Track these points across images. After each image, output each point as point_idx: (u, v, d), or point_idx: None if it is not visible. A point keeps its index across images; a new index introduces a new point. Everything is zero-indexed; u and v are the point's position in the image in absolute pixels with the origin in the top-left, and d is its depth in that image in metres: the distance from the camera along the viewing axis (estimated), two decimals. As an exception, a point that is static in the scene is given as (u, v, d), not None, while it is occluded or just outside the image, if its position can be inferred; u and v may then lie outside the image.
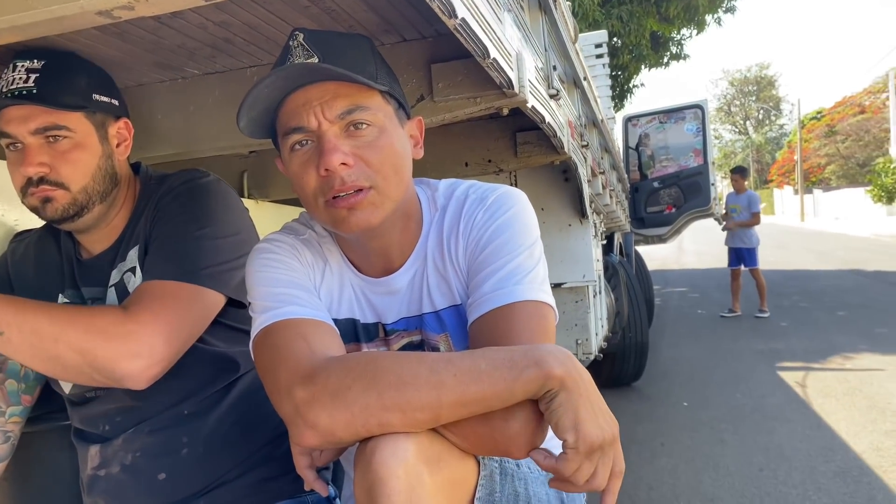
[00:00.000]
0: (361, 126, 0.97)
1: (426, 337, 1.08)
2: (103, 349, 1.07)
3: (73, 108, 1.18)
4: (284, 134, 0.99)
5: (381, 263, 1.08)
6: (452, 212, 1.08)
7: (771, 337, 7.14)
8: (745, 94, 63.97)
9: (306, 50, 0.96)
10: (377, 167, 0.97)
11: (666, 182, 8.29)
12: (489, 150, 2.13)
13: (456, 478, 0.92)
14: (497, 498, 0.96)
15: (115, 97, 1.28)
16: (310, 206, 1.01)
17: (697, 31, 12.72)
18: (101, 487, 1.25)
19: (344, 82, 0.96)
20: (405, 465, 0.85)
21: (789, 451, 3.83)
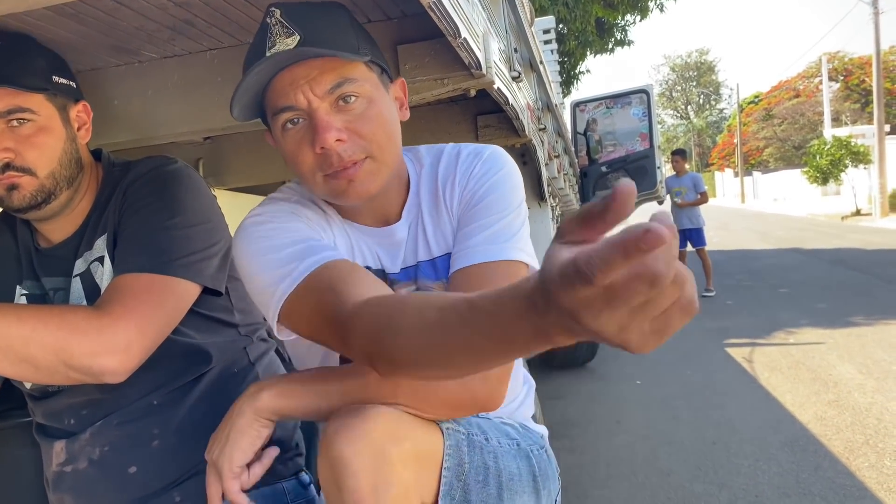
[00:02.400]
0: (350, 99, 0.97)
1: (422, 286, 1.09)
2: (79, 346, 1.04)
3: (35, 90, 1.14)
4: (274, 114, 0.98)
5: (380, 217, 1.10)
6: (446, 164, 1.10)
7: (718, 315, 7.35)
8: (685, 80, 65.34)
9: (286, 27, 0.95)
10: (370, 137, 0.98)
11: (613, 166, 8.39)
12: (450, 134, 2.13)
13: (422, 450, 0.92)
14: (466, 469, 0.97)
15: (72, 79, 1.24)
16: (307, 181, 1.02)
17: (641, 16, 12.91)
18: (68, 484, 1.21)
19: (326, 57, 0.95)
20: (369, 443, 0.85)
21: (740, 424, 3.96)
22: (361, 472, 0.84)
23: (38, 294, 1.24)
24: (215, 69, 1.45)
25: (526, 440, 1.12)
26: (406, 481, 0.88)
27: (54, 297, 1.23)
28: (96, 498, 1.20)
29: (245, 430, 0.96)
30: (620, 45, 13.53)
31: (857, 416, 3.91)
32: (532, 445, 1.13)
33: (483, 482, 0.98)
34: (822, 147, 21.25)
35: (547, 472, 1.14)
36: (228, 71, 1.43)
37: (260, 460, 0.98)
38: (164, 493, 1.20)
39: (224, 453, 0.95)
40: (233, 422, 0.97)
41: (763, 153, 43.42)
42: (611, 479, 3.35)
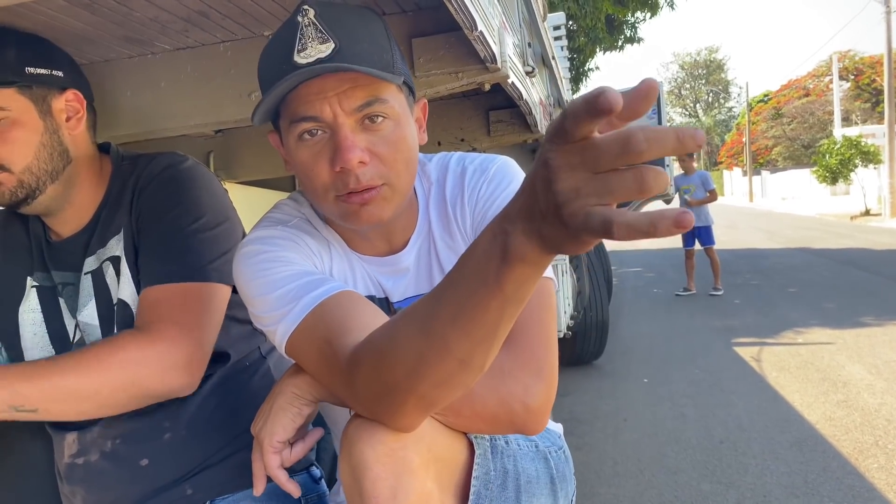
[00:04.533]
0: (378, 119, 0.93)
1: None
2: (147, 377, 1.06)
3: (3, 84, 1.10)
4: (293, 120, 0.93)
5: (384, 245, 1.06)
6: (453, 183, 1.06)
7: (725, 314, 7.32)
8: (695, 78, 65.08)
9: (321, 32, 0.90)
10: (391, 163, 0.94)
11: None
12: (462, 129, 2.12)
13: (445, 457, 0.91)
14: (492, 477, 0.96)
15: (57, 68, 1.18)
16: (316, 198, 0.97)
17: (651, 14, 12.84)
18: (80, 476, 1.21)
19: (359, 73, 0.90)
20: (391, 448, 0.83)
21: (747, 423, 3.94)
22: (381, 477, 0.83)
23: (48, 286, 1.24)
24: (229, 61, 1.44)
25: (544, 441, 1.11)
26: (427, 488, 0.86)
27: (63, 291, 1.23)
28: (108, 490, 1.19)
29: (285, 407, 0.94)
30: (630, 43, 13.47)
31: (867, 416, 3.89)
32: (550, 447, 1.11)
33: (502, 486, 0.97)
34: (832, 146, 21.14)
35: (564, 473, 1.12)
36: (242, 63, 1.42)
37: (303, 440, 0.97)
38: (175, 485, 1.19)
39: (265, 428, 0.94)
40: (274, 399, 0.95)
41: (772, 152, 43.24)
42: (618, 476, 3.34)
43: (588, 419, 4.25)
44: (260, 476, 0.96)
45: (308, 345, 0.90)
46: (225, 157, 2.23)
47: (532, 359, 0.90)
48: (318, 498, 1.29)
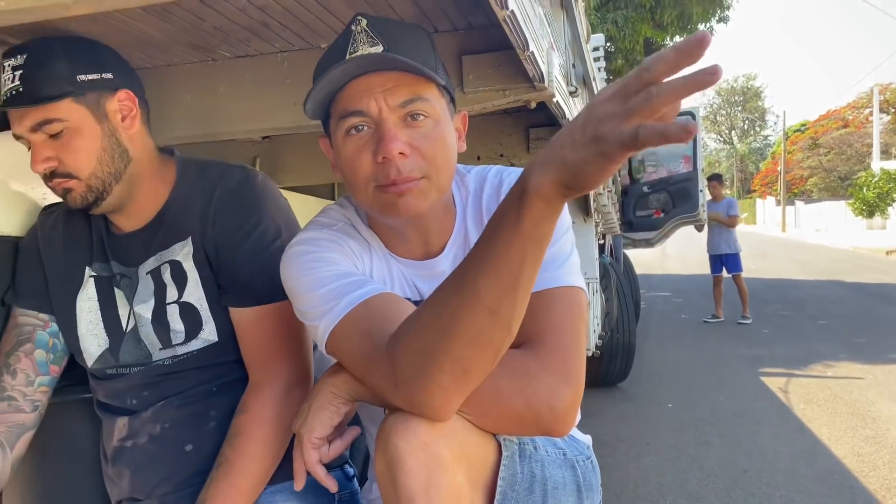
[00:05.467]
0: (419, 117, 0.99)
1: None
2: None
3: (56, 98, 1.14)
4: (342, 116, 1.00)
5: (421, 248, 1.11)
6: (489, 194, 1.11)
7: (753, 343, 7.24)
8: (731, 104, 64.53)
9: (371, 37, 0.98)
10: (430, 158, 0.99)
11: (655, 187, 8.34)
12: (501, 145, 2.16)
13: (475, 456, 0.94)
14: (518, 479, 0.99)
15: (107, 70, 1.21)
16: (358, 190, 1.03)
17: (690, 38, 12.85)
18: (127, 458, 1.27)
19: (406, 72, 0.98)
20: (424, 443, 0.87)
21: (772, 454, 3.90)
22: (415, 470, 0.86)
23: (105, 276, 1.30)
24: (285, 71, 1.50)
25: (572, 450, 1.13)
26: (458, 484, 0.89)
27: (120, 282, 1.29)
28: (152, 472, 1.25)
29: (324, 405, 0.99)
30: (667, 66, 13.47)
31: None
32: (578, 456, 1.14)
33: (528, 490, 1.00)
34: (870, 179, 20.83)
35: (591, 482, 1.14)
36: (297, 73, 1.48)
37: (341, 437, 1.01)
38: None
39: (306, 425, 0.98)
40: (314, 396, 1.00)
41: (807, 182, 42.64)
42: (638, 499, 3.33)
43: (610, 441, 4.24)
44: (300, 471, 1.00)
45: (349, 339, 0.96)
46: (270, 162, 2.30)
47: (559, 362, 0.94)
48: (350, 495, 1.33)
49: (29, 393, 1.25)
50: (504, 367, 0.90)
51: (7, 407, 1.22)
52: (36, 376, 1.26)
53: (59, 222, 1.34)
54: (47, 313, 1.30)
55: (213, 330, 1.26)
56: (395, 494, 0.88)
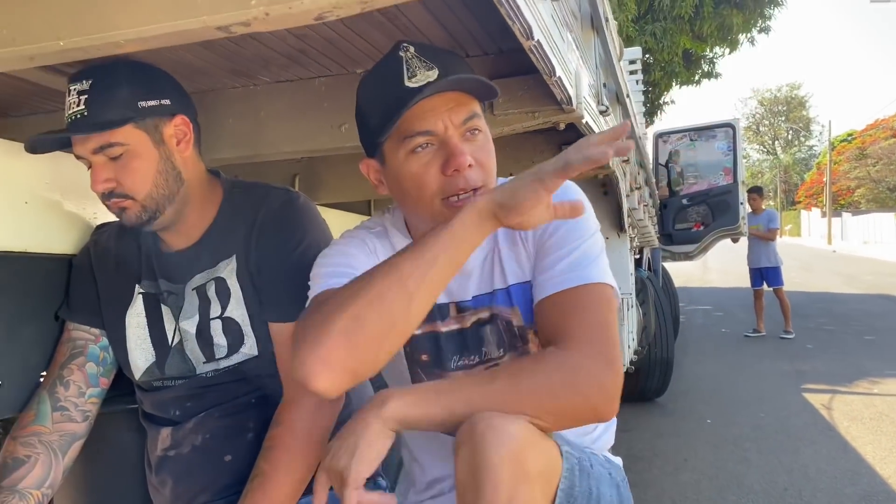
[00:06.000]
0: (476, 132, 1.09)
1: (499, 311, 1.16)
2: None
3: (119, 124, 1.20)
4: (407, 136, 1.07)
5: None
6: None
7: (796, 358, 7.10)
8: (774, 114, 63.39)
9: (424, 62, 1.05)
10: (488, 169, 1.09)
11: (695, 199, 8.26)
12: (534, 163, 2.17)
13: (546, 467, 0.97)
14: (576, 493, 1.01)
15: (165, 97, 1.27)
16: (423, 204, 1.09)
17: (730, 50, 12.69)
18: (170, 467, 1.33)
19: (460, 92, 1.07)
20: (513, 453, 0.91)
21: (814, 472, 3.83)
22: (503, 482, 0.89)
23: (153, 293, 1.37)
24: (322, 95, 1.56)
25: (615, 471, 1.17)
26: (535, 495, 0.93)
27: (168, 299, 1.35)
28: (193, 481, 1.30)
29: (373, 442, 0.95)
30: (707, 78, 13.32)
31: (944, 475, 3.72)
32: (618, 477, 1.18)
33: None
34: (920, 190, 20.22)
35: (629, 502, 1.18)
36: (335, 97, 1.54)
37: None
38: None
39: (352, 465, 0.95)
40: (360, 433, 0.96)
41: (854, 193, 41.65)
42: (675, 516, 3.30)
43: (647, 457, 4.20)
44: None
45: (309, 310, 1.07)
46: (309, 180, 2.36)
47: (598, 353, 1.02)
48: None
49: (80, 403, 1.31)
50: (552, 366, 1.00)
51: (60, 417, 1.29)
52: (87, 388, 1.33)
53: (110, 241, 1.41)
54: (98, 328, 1.37)
55: (253, 344, 1.31)
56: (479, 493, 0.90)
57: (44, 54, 0.89)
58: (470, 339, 1.19)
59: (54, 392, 1.29)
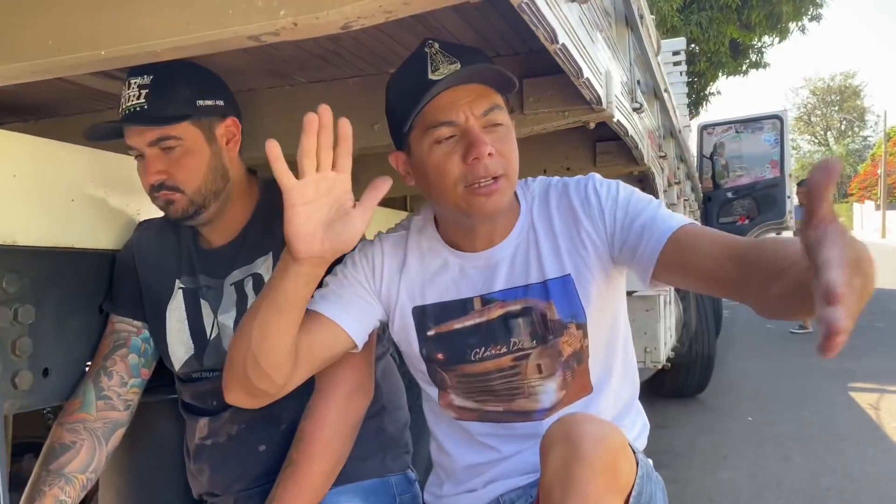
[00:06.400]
0: (497, 124, 1.12)
1: (533, 304, 1.19)
2: None
3: (178, 120, 1.26)
4: (430, 127, 1.11)
5: (484, 241, 1.22)
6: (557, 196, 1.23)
7: (844, 356, 6.87)
8: (826, 104, 61.54)
9: (447, 56, 1.10)
10: (509, 159, 1.13)
11: (740, 193, 8.10)
12: (568, 159, 2.19)
13: (629, 476, 1.00)
14: (642, 500, 1.03)
15: (219, 98, 1.34)
16: (446, 192, 1.13)
17: (779, 39, 12.39)
18: (207, 455, 1.38)
19: (483, 85, 1.11)
20: (609, 464, 0.94)
21: (858, 473, 3.75)
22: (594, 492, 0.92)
23: (192, 288, 1.42)
24: (356, 95, 1.59)
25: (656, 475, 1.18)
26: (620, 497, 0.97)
27: (207, 294, 1.40)
28: (229, 470, 1.35)
29: None
30: (755, 68, 13.03)
31: None
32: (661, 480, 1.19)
33: None
34: (980, 183, 19.46)
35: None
36: (367, 97, 1.56)
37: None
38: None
39: None
40: None
41: (910, 186, 40.25)
42: (712, 514, 3.28)
43: (686, 453, 4.17)
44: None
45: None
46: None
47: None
48: (412, 498, 1.40)
49: (122, 393, 1.37)
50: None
51: (104, 405, 1.35)
52: (129, 378, 1.39)
53: (152, 238, 1.46)
54: (140, 321, 1.43)
55: None
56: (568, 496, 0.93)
57: (87, 63, 0.94)
58: (497, 331, 1.21)
59: (98, 381, 1.35)
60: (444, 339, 1.23)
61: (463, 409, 1.27)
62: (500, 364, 1.21)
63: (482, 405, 1.24)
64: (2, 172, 1.18)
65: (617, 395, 1.27)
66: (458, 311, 1.22)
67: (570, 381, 1.22)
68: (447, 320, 1.22)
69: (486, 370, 1.22)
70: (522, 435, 1.23)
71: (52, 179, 1.29)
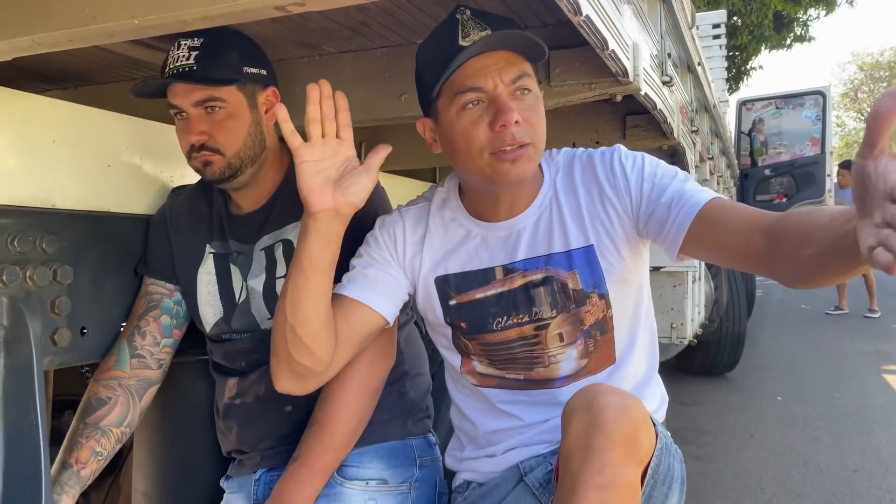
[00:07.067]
0: (525, 92, 1.13)
1: (555, 273, 1.20)
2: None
3: (226, 83, 1.31)
4: (458, 93, 1.12)
5: (506, 211, 1.23)
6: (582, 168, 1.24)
7: (879, 338, 6.82)
8: (875, 80, 59.62)
9: (478, 24, 1.11)
10: (536, 127, 1.13)
11: (778, 170, 7.94)
12: (597, 132, 2.18)
13: (648, 447, 1.02)
14: (660, 471, 1.07)
15: (263, 67, 1.38)
16: (472, 159, 1.14)
17: (826, 11, 12.01)
18: (236, 414, 1.43)
19: (513, 52, 1.11)
20: (629, 436, 0.97)
21: (888, 455, 3.71)
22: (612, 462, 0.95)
23: (222, 253, 1.46)
24: (384, 65, 1.60)
25: (676, 448, 1.20)
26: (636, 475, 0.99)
27: (237, 259, 1.44)
28: (256, 428, 1.40)
29: None
30: (800, 42, 12.66)
31: None
32: (680, 453, 1.21)
33: (663, 482, 1.09)
34: None
35: (685, 478, 1.22)
36: (395, 67, 1.58)
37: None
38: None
39: None
40: None
41: (960, 166, 38.96)
42: (735, 491, 3.28)
43: (713, 431, 4.17)
44: None
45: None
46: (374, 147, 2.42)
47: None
48: (432, 461, 1.43)
49: (155, 352, 1.43)
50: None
51: (137, 363, 1.40)
52: (161, 338, 1.44)
53: (184, 203, 1.50)
54: (173, 283, 1.47)
55: None
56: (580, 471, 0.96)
57: (121, 31, 0.96)
58: (519, 300, 1.22)
59: (132, 341, 1.41)
60: (466, 308, 1.25)
61: (485, 375, 1.29)
62: (522, 332, 1.23)
63: (504, 373, 1.27)
64: (41, 138, 1.22)
65: (638, 367, 1.29)
66: (481, 280, 1.24)
67: (592, 350, 1.23)
68: (469, 289, 1.25)
69: (508, 339, 1.24)
70: (543, 402, 1.26)
71: (90, 145, 1.33)
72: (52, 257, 1.22)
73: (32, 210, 1.21)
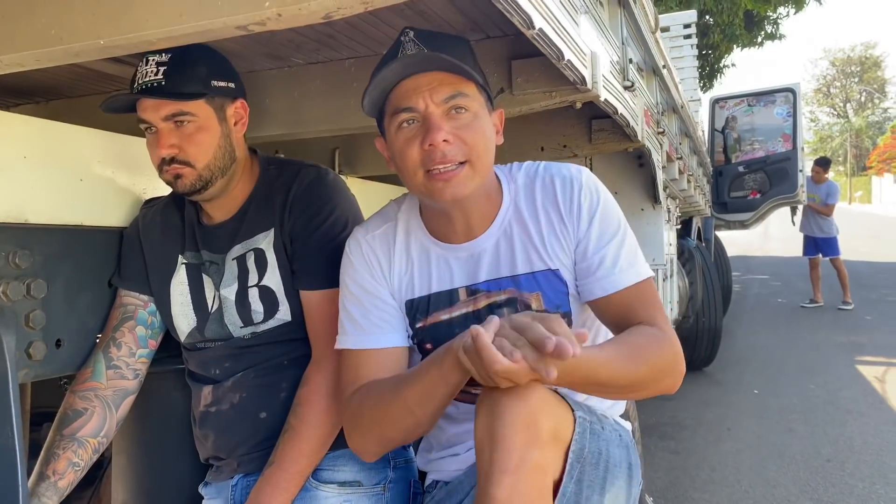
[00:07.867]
0: (461, 111, 1.15)
1: (519, 295, 1.23)
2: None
3: (194, 97, 1.33)
4: (393, 113, 1.16)
5: (464, 232, 1.25)
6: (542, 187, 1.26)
7: (853, 330, 6.95)
8: (846, 75, 60.45)
9: (417, 45, 1.14)
10: (471, 145, 1.15)
11: (751, 167, 8.06)
12: (564, 136, 2.23)
13: (557, 431, 1.05)
14: (585, 454, 1.09)
15: (231, 80, 1.41)
16: (409, 178, 1.18)
17: (796, 9, 12.19)
18: (212, 421, 1.45)
19: (448, 73, 1.13)
20: (527, 418, 0.99)
21: (860, 444, 3.80)
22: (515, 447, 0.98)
23: (195, 263, 1.48)
24: (352, 76, 1.64)
25: (624, 434, 1.24)
26: (547, 460, 1.02)
27: (209, 269, 1.47)
28: (232, 436, 1.43)
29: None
30: (771, 39, 12.84)
31: None
32: (628, 439, 1.25)
33: (594, 465, 1.11)
34: None
35: (637, 463, 1.25)
36: (364, 78, 1.58)
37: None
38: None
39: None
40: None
41: (931, 158, 39.60)
42: (713, 483, 3.34)
43: (691, 425, 4.24)
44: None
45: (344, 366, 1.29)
46: (348, 154, 2.46)
47: (671, 336, 1.17)
48: (405, 462, 1.47)
49: (131, 363, 1.45)
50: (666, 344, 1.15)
51: (113, 374, 1.42)
52: (137, 349, 1.46)
53: (157, 215, 1.53)
54: (147, 294, 1.50)
55: (287, 310, 1.42)
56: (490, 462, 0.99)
57: (87, 51, 0.99)
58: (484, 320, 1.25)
59: (108, 352, 1.43)
60: (432, 330, 1.28)
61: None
62: None
63: (470, 388, 1.30)
64: (13, 154, 1.24)
65: None
66: (445, 301, 1.27)
67: None
68: (434, 311, 1.28)
69: None
70: None
71: (61, 160, 1.35)
72: (26, 272, 1.24)
73: (5, 226, 1.22)
